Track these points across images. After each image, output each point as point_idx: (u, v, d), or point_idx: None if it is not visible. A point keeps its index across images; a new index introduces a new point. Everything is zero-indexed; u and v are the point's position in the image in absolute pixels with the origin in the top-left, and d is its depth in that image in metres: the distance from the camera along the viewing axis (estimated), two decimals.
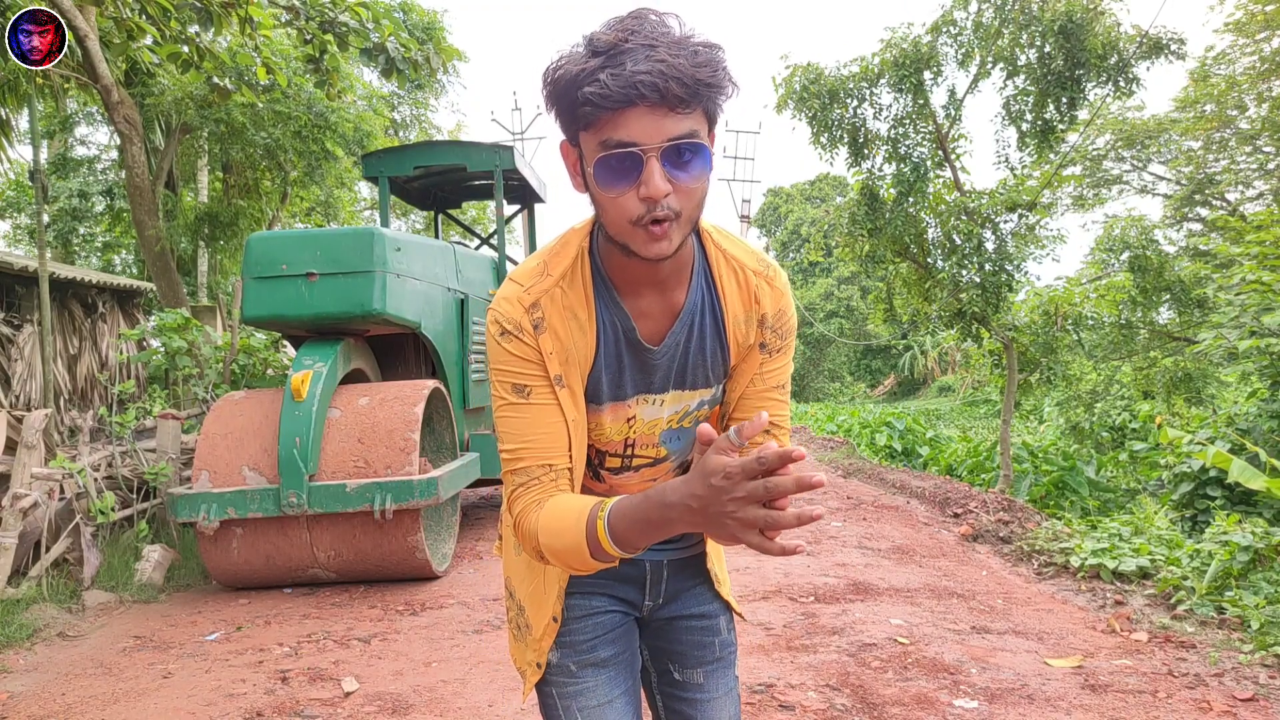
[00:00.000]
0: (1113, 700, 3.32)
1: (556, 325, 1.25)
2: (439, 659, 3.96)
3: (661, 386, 1.33)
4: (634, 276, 1.26)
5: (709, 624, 1.53)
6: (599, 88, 1.04)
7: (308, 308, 5.34)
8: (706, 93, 1.08)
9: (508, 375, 1.26)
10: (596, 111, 1.06)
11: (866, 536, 6.65)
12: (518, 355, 1.25)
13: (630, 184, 1.10)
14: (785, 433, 1.35)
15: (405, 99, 18.24)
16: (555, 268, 1.27)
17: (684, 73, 1.04)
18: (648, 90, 1.03)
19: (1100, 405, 13.54)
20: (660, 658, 1.55)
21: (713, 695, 1.51)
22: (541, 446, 1.26)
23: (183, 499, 4.93)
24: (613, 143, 1.07)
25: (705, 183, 1.14)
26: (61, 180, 16.93)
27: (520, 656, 1.50)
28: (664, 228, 1.11)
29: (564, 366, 1.26)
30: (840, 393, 38.48)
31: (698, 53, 1.07)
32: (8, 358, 9.23)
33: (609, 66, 1.05)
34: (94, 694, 3.66)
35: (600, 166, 1.10)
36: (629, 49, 1.05)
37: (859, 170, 9.81)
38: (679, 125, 1.07)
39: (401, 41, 9.47)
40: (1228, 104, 16.51)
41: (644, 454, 1.40)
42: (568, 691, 1.42)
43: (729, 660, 1.55)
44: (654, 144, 1.07)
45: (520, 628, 1.50)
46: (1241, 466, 4.31)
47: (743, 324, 1.32)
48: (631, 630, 1.52)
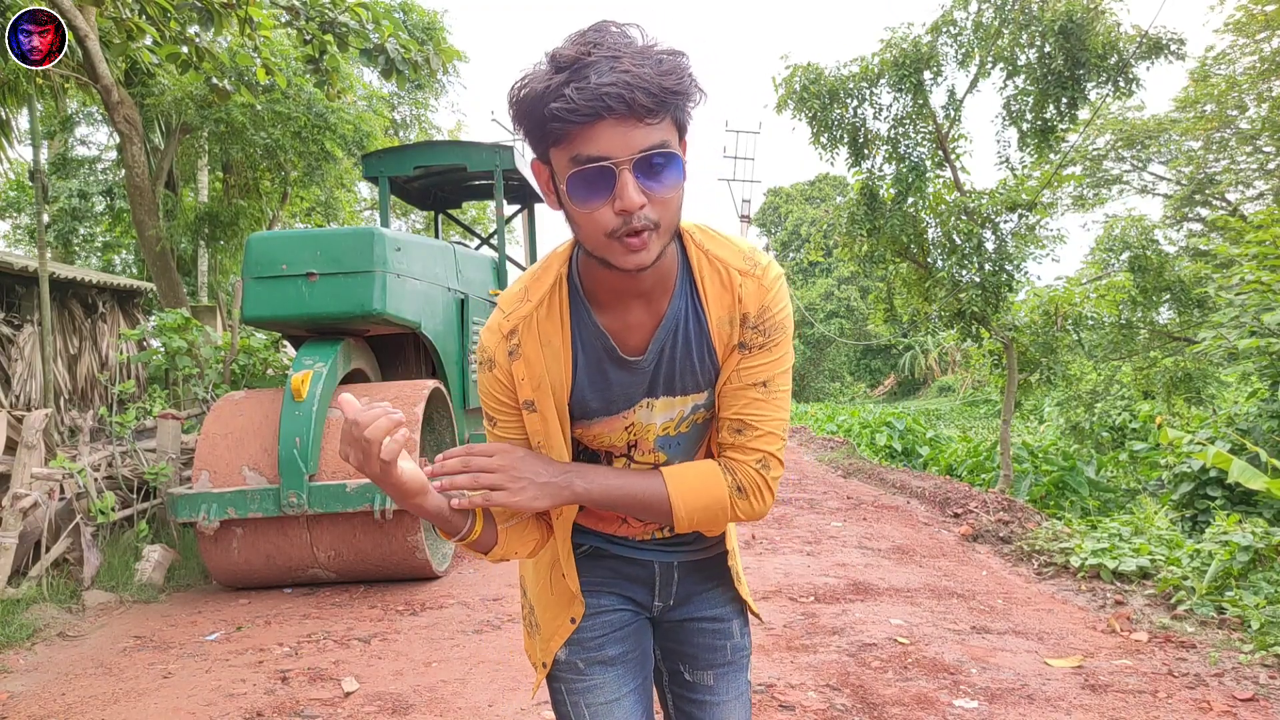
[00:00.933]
0: (1113, 700, 3.32)
1: (529, 352, 1.28)
2: (439, 659, 3.96)
3: (649, 393, 1.33)
4: (616, 289, 1.25)
5: (721, 627, 1.53)
6: (565, 103, 1.03)
7: (308, 308, 5.35)
8: (673, 100, 1.07)
9: (484, 402, 1.36)
10: (565, 127, 1.05)
11: (866, 536, 6.65)
12: (490, 388, 1.33)
13: (604, 198, 1.09)
14: (762, 435, 1.30)
15: (405, 99, 18.22)
16: (535, 293, 1.29)
17: (649, 82, 1.03)
18: (614, 102, 1.02)
19: (1100, 405, 13.54)
20: (672, 658, 1.56)
21: (722, 699, 1.51)
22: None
23: (183, 499, 4.93)
24: (583, 158, 1.07)
25: (680, 192, 1.13)
26: (61, 180, 16.94)
27: (532, 652, 1.54)
28: (643, 239, 1.11)
29: (535, 392, 1.30)
30: (840, 393, 38.48)
31: (662, 61, 1.06)
32: (8, 358, 9.23)
33: (573, 81, 1.03)
34: (94, 694, 3.67)
35: (573, 182, 1.09)
36: (592, 62, 1.04)
37: (859, 170, 9.82)
38: (649, 136, 1.07)
39: (401, 42, 9.48)
40: (1228, 104, 16.51)
41: (644, 459, 1.41)
42: (576, 688, 1.44)
43: (740, 664, 1.54)
44: (625, 156, 1.06)
45: (531, 625, 1.53)
46: (1241, 466, 4.30)
47: (726, 325, 1.30)
48: (643, 630, 1.52)
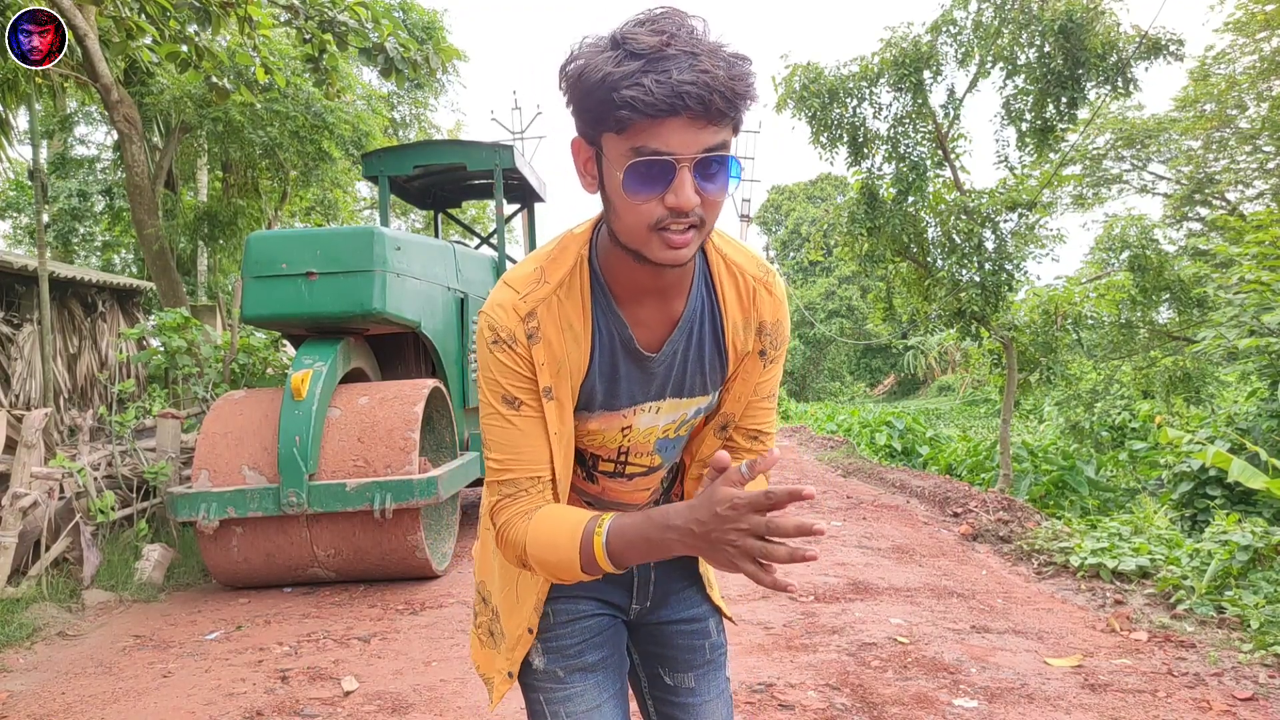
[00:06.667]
0: (1112, 700, 3.32)
1: (551, 336, 1.22)
2: (439, 658, 3.96)
3: (659, 394, 1.31)
4: (636, 283, 1.23)
5: (699, 627, 1.52)
6: (642, 93, 1.01)
7: (307, 307, 5.34)
8: (742, 106, 1.07)
9: (499, 386, 1.23)
10: (635, 116, 1.03)
11: (866, 536, 6.65)
12: (510, 366, 1.22)
13: (658, 192, 1.07)
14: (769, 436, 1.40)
15: (404, 98, 18.23)
16: (553, 274, 1.23)
17: (725, 86, 1.02)
18: (692, 102, 1.01)
19: (1100, 405, 13.54)
20: (650, 662, 1.54)
21: (704, 699, 1.51)
22: (530, 460, 1.25)
23: (182, 498, 4.93)
24: (647, 150, 1.05)
25: (726, 194, 1.13)
26: (61, 180, 16.94)
27: (488, 664, 1.47)
28: (687, 236, 1.10)
29: (555, 378, 1.24)
30: (840, 392, 38.47)
31: (733, 64, 1.05)
32: (8, 357, 9.23)
33: (651, 72, 1.01)
34: (94, 693, 3.66)
35: (631, 173, 1.07)
36: (671, 55, 1.02)
37: (859, 170, 9.82)
38: (713, 137, 1.06)
39: (401, 41, 9.45)
40: (1228, 103, 16.49)
41: (638, 462, 1.39)
42: (556, 697, 1.39)
43: (719, 662, 1.54)
44: (689, 155, 1.05)
45: (492, 634, 1.46)
46: (1241, 466, 4.30)
47: (741, 331, 1.31)
48: (619, 632, 1.49)
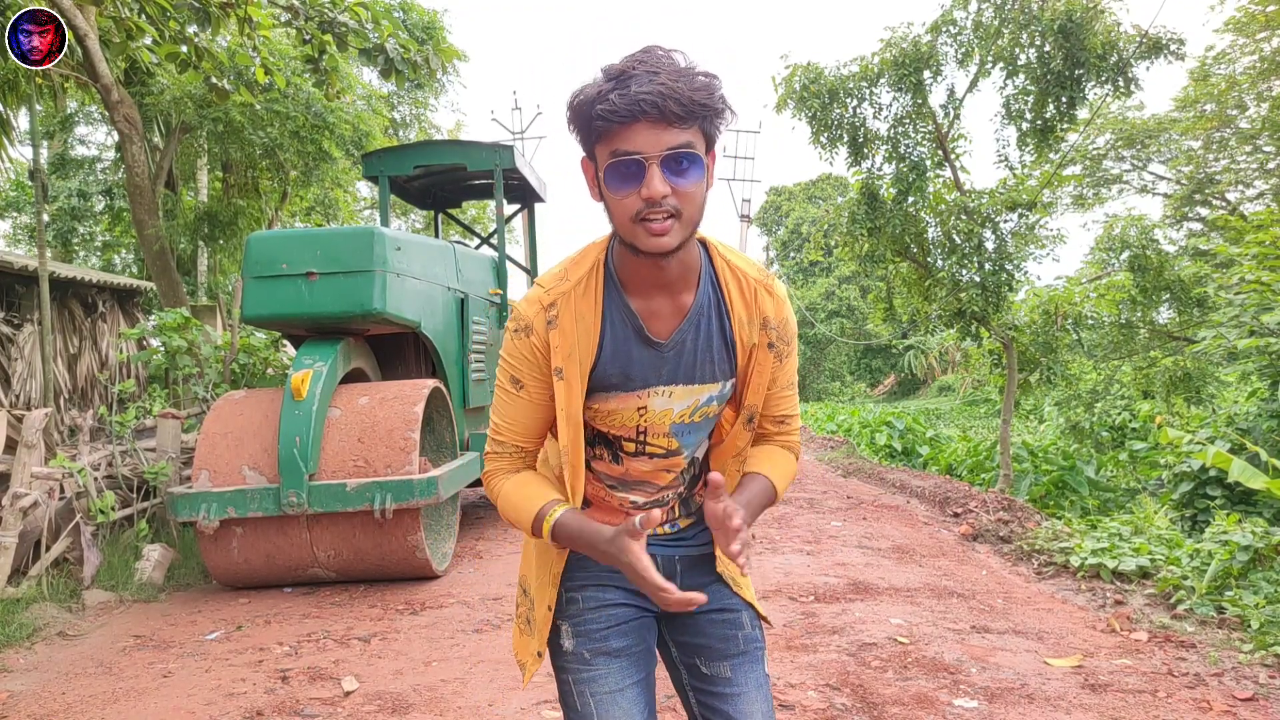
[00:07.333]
0: (1112, 700, 3.32)
1: (566, 324, 1.43)
2: (439, 658, 3.96)
3: (670, 379, 1.47)
4: (644, 277, 1.42)
5: (731, 618, 1.58)
6: (608, 105, 1.25)
7: (307, 307, 5.34)
8: (701, 111, 1.27)
9: (510, 366, 1.49)
10: (606, 125, 1.26)
11: (866, 536, 6.65)
12: (523, 352, 1.46)
13: (634, 187, 1.29)
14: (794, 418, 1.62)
15: (405, 98, 18.23)
16: (574, 274, 1.46)
17: (681, 94, 1.24)
18: (648, 107, 1.23)
19: (1100, 405, 13.53)
20: (687, 651, 1.59)
21: (742, 689, 1.54)
22: (520, 431, 1.52)
23: (183, 498, 4.93)
24: (620, 152, 1.28)
25: (702, 189, 1.32)
26: (61, 180, 16.94)
27: (524, 649, 1.62)
28: (665, 224, 1.30)
29: (566, 361, 1.44)
30: (840, 392, 38.45)
31: (696, 79, 1.27)
32: (8, 357, 9.23)
33: (617, 89, 1.25)
34: (94, 693, 3.66)
35: (609, 172, 1.30)
36: (635, 74, 1.25)
37: (859, 170, 9.81)
38: (676, 138, 1.27)
39: (401, 42, 9.46)
40: (1228, 103, 16.51)
41: (656, 443, 1.52)
42: (582, 677, 1.52)
43: (755, 655, 1.57)
44: (654, 152, 1.26)
45: (530, 622, 1.61)
46: (1241, 466, 4.30)
47: (746, 325, 1.48)
48: (648, 626, 1.59)
